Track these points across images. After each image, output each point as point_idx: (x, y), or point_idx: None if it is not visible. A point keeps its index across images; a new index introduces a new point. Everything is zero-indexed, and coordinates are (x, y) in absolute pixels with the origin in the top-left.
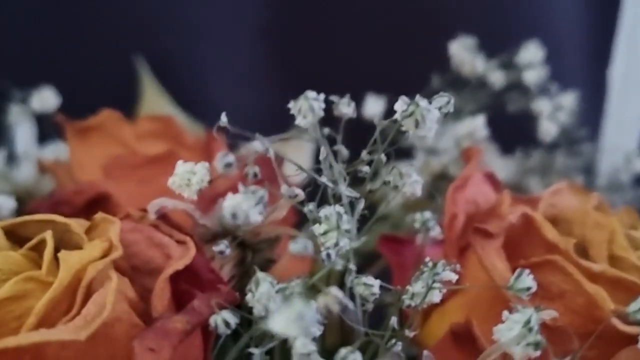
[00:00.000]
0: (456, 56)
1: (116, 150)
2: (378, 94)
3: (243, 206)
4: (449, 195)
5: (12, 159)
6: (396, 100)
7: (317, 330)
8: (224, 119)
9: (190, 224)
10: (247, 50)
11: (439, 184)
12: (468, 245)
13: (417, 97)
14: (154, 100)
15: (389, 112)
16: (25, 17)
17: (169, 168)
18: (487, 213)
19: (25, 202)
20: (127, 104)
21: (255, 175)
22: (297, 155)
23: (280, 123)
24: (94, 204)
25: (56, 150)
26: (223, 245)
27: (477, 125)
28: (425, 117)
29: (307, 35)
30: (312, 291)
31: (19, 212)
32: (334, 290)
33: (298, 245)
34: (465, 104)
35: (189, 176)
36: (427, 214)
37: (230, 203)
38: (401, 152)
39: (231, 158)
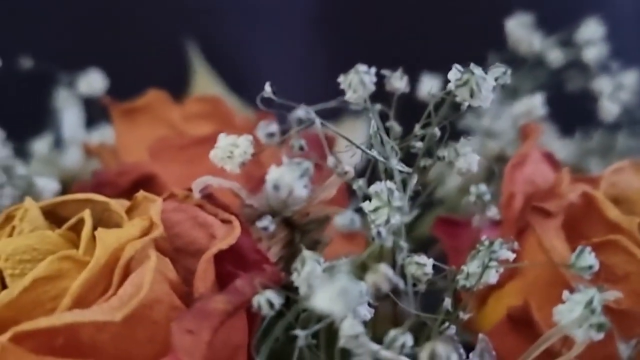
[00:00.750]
0: (513, 34)
1: (163, 131)
2: (433, 73)
3: (287, 178)
4: (506, 173)
5: (59, 143)
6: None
7: (367, 313)
8: (268, 88)
9: (237, 205)
10: (299, 34)
11: (496, 166)
12: (526, 227)
13: (472, 65)
14: (205, 84)
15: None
16: (75, 1)
17: None
18: (546, 193)
19: (71, 187)
20: (178, 88)
21: (301, 148)
22: (349, 133)
23: (327, 96)
24: (139, 186)
25: (103, 134)
26: (267, 221)
27: (534, 104)
28: (481, 85)
29: (360, 17)
30: (362, 269)
31: (63, 194)
32: (384, 268)
33: (344, 218)
34: (523, 83)
35: (231, 149)
36: (482, 187)
37: (274, 175)
38: (457, 134)
39: (274, 127)
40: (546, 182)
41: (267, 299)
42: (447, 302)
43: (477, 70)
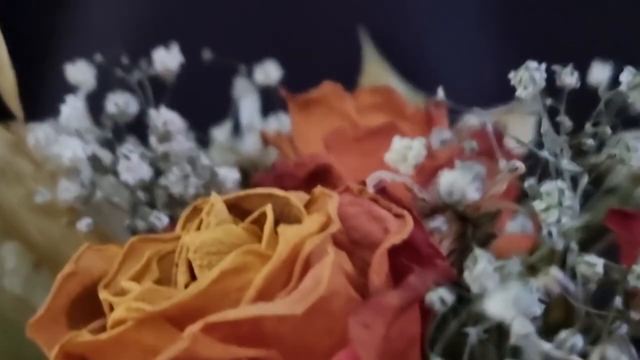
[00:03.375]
0: None
1: (338, 123)
2: (604, 60)
3: (459, 182)
4: None
5: (237, 131)
6: (623, 67)
7: (538, 310)
8: (440, 93)
9: (409, 198)
10: (471, 21)
11: None
12: None
13: None
14: (377, 72)
15: (616, 79)
16: None
17: (390, 140)
18: None
19: (249, 173)
20: (351, 77)
21: (472, 149)
22: (519, 129)
23: (502, 95)
24: (316, 176)
25: (279, 122)
26: (440, 222)
27: None
28: None
29: (532, 5)
30: (532, 270)
31: (244, 183)
32: (554, 271)
33: (516, 224)
34: None
35: (405, 151)
36: None
37: (447, 179)
38: (629, 121)
39: (447, 134)
40: None
41: (439, 296)
42: (618, 301)
43: None
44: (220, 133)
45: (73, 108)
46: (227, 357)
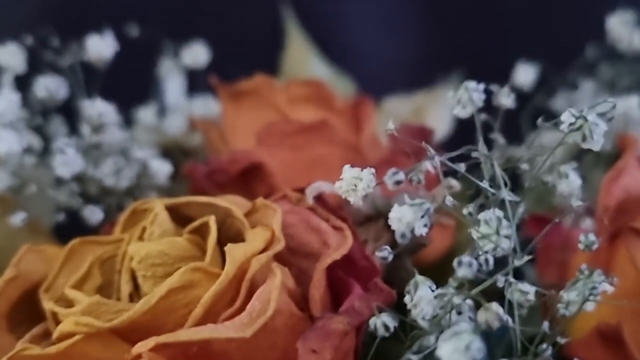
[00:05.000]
0: (614, 31)
1: (268, 114)
2: (529, 60)
3: (408, 217)
4: (603, 187)
5: (162, 111)
6: (548, 68)
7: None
8: (391, 126)
9: (340, 202)
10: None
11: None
12: (619, 232)
13: (585, 111)
14: (299, 49)
15: (541, 81)
16: None
17: (322, 136)
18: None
19: (173, 154)
20: (273, 54)
21: (419, 181)
22: (439, 107)
23: (423, 70)
24: (248, 173)
25: (205, 104)
26: (386, 252)
27: (631, 105)
28: (593, 131)
29: None
30: (464, 293)
31: (175, 174)
32: (495, 307)
33: (465, 269)
34: (620, 78)
35: (355, 182)
36: (592, 237)
37: (398, 215)
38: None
39: (401, 176)
40: None
41: (383, 322)
42: (545, 326)
43: (591, 116)
44: (145, 113)
45: (8, 101)
46: None
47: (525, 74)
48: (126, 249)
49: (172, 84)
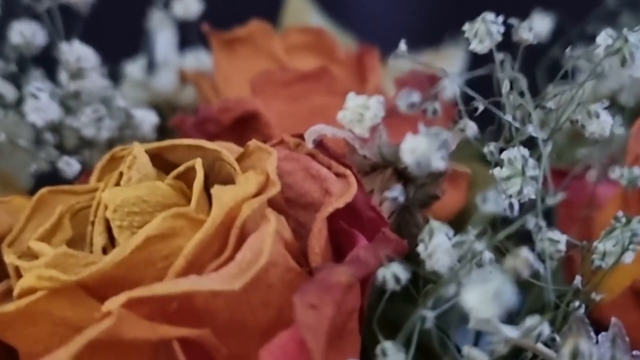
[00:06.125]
0: None
1: (264, 63)
2: (545, 11)
3: (423, 149)
4: (633, 133)
5: (152, 66)
6: (565, 19)
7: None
8: (403, 47)
9: (345, 152)
10: None
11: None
12: None
13: (625, 31)
14: (299, 7)
15: (557, 33)
16: None
17: (322, 86)
18: None
19: (164, 112)
20: (272, 8)
21: (435, 112)
22: (447, 66)
23: (430, 31)
24: (242, 123)
25: (197, 59)
26: (397, 192)
27: None
28: (635, 54)
29: None
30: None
31: (161, 126)
32: (525, 253)
33: (489, 202)
34: None
35: (361, 111)
36: (637, 172)
37: (411, 146)
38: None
39: (416, 97)
40: None
41: (393, 274)
42: (578, 281)
43: (632, 37)
44: (134, 68)
45: None
46: (154, 338)
47: (541, 25)
48: (101, 197)
49: (163, 37)
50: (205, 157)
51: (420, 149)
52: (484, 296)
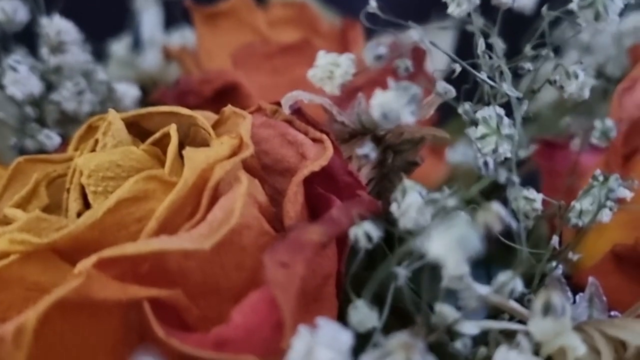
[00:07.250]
0: None
1: (247, 37)
2: None
3: (393, 105)
4: (615, 98)
5: (137, 45)
6: None
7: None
8: (373, 3)
9: (325, 120)
10: None
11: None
12: (633, 153)
13: None
14: None
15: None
16: None
17: (304, 58)
18: None
19: (149, 91)
20: None
21: (407, 69)
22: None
23: (419, 9)
24: (223, 95)
25: (183, 37)
26: (368, 148)
27: None
28: (608, 7)
29: None
30: (467, 205)
31: (144, 101)
32: (496, 206)
33: (457, 154)
34: None
35: (331, 68)
36: (609, 122)
37: (380, 100)
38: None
39: (383, 49)
40: None
41: (365, 232)
42: (555, 240)
43: None
44: (119, 47)
45: None
46: (124, 298)
47: None
48: (76, 163)
49: (149, 16)
50: (180, 124)
51: (388, 104)
52: (448, 243)
